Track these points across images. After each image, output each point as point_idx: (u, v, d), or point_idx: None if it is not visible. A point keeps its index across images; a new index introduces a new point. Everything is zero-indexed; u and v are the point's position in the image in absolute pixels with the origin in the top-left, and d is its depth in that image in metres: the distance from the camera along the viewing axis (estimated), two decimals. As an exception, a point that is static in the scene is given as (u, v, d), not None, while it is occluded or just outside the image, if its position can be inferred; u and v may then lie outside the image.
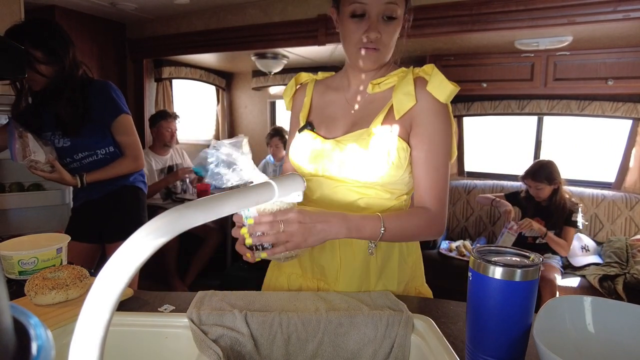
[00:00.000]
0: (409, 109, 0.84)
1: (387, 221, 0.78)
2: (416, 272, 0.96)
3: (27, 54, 1.41)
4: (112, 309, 0.28)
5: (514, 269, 0.53)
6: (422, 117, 0.84)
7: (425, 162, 0.84)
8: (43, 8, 2.86)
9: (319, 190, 0.90)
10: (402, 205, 0.90)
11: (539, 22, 2.06)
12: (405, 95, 0.84)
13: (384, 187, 0.86)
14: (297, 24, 2.62)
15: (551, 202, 2.51)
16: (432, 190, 0.84)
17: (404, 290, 0.92)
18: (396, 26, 0.84)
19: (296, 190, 0.59)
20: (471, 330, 0.59)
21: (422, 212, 0.84)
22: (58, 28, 1.51)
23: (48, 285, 0.74)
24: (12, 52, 1.20)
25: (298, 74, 1.05)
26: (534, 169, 2.55)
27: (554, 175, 2.49)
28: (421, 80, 0.85)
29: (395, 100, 0.85)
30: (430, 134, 0.84)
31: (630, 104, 2.73)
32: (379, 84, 0.90)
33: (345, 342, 0.69)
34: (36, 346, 0.19)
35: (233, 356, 0.65)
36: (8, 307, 0.19)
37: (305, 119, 0.97)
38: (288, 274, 0.95)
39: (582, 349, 0.57)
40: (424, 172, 0.84)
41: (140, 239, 0.31)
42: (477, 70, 2.96)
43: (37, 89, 1.51)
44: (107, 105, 1.55)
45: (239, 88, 4.36)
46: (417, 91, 0.84)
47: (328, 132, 0.92)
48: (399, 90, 0.85)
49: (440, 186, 0.84)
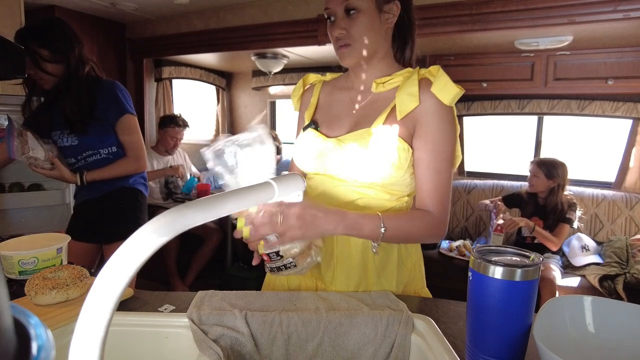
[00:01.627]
0: (411, 110, 0.83)
1: (386, 221, 0.78)
2: (415, 275, 0.95)
3: (34, 53, 1.43)
4: (112, 308, 0.28)
5: (514, 268, 0.53)
6: (426, 119, 0.83)
7: (428, 164, 0.83)
8: (43, 8, 2.86)
9: (320, 189, 0.90)
10: (402, 207, 0.90)
11: (539, 21, 2.06)
12: (409, 96, 0.83)
13: (384, 187, 0.86)
14: (297, 23, 2.62)
15: (548, 201, 2.54)
16: (434, 193, 0.84)
17: (403, 291, 0.92)
18: (362, 17, 0.84)
19: (296, 190, 0.59)
20: (471, 329, 0.59)
21: (423, 215, 0.84)
22: (62, 26, 1.51)
23: (48, 285, 0.74)
24: (12, 52, 1.20)
25: (306, 75, 1.05)
26: (543, 158, 2.60)
27: (554, 173, 2.50)
28: (426, 81, 0.84)
29: (398, 101, 0.84)
30: (433, 137, 0.83)
31: (630, 104, 2.73)
32: (384, 83, 0.89)
33: (345, 341, 0.69)
34: (36, 346, 0.19)
35: (233, 356, 0.65)
36: (8, 307, 0.19)
37: (310, 117, 0.97)
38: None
39: (582, 349, 0.57)
40: (426, 175, 0.84)
41: (140, 238, 0.31)
42: (477, 70, 2.96)
43: (47, 88, 1.53)
44: (112, 105, 1.56)
45: (239, 88, 4.36)
46: (421, 92, 0.83)
47: (331, 131, 0.92)
48: (403, 90, 0.85)
49: (443, 190, 0.84)
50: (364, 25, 0.85)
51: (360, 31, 0.85)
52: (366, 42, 0.86)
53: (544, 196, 2.57)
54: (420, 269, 0.97)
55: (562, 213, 2.48)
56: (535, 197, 2.60)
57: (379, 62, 0.91)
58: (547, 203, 2.54)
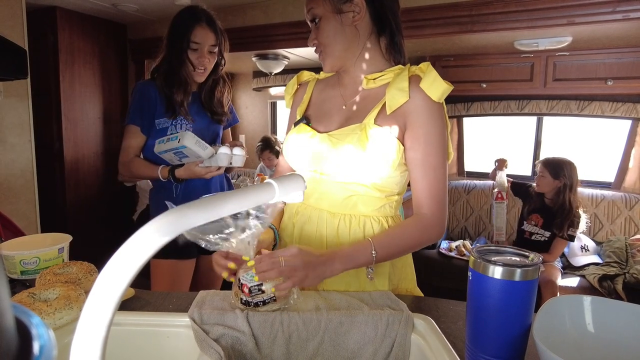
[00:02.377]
0: (400, 104, 0.83)
1: (377, 244, 0.79)
2: (407, 275, 0.96)
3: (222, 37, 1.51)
4: (114, 308, 0.28)
5: (514, 268, 0.53)
6: (416, 116, 0.83)
7: (422, 162, 0.84)
8: (44, 9, 2.86)
9: (310, 185, 0.90)
10: (392, 205, 0.90)
11: (538, 22, 2.06)
12: (399, 91, 0.84)
13: (374, 184, 0.86)
14: (298, 24, 2.63)
15: (554, 201, 2.48)
16: (429, 191, 0.84)
17: (394, 291, 0.92)
18: (324, 24, 0.87)
19: (297, 190, 0.59)
20: (471, 329, 0.59)
21: (414, 222, 0.84)
22: None
23: (61, 280, 0.75)
24: (14, 53, 1.20)
25: (300, 72, 1.06)
26: (550, 158, 2.56)
27: (561, 173, 2.44)
28: (416, 78, 0.85)
29: (389, 96, 0.85)
30: (425, 134, 0.83)
31: (629, 104, 2.73)
32: (374, 79, 0.90)
33: (345, 341, 0.69)
34: (38, 346, 0.19)
35: (234, 355, 0.65)
36: (10, 306, 0.19)
37: (302, 113, 0.98)
38: None
39: (581, 349, 0.57)
40: (421, 173, 0.84)
41: (140, 239, 0.31)
42: (477, 70, 2.96)
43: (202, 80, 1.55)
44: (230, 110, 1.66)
45: (240, 89, 4.36)
46: (411, 88, 0.83)
47: (322, 126, 0.93)
48: (393, 86, 0.85)
49: (438, 187, 0.84)
50: (327, 30, 0.87)
51: (325, 36, 0.88)
52: (336, 45, 0.88)
53: (550, 197, 2.52)
54: (410, 268, 0.98)
55: (566, 219, 2.41)
56: (542, 195, 2.57)
57: (364, 59, 0.91)
58: (553, 204, 2.49)
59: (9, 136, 2.28)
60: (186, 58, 1.46)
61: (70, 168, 3.09)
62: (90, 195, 3.26)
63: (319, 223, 0.89)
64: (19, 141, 2.33)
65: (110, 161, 3.38)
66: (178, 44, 1.46)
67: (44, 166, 2.72)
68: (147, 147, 1.52)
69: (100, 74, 3.20)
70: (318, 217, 0.90)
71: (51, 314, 0.65)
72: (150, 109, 1.48)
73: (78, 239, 1.04)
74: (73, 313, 0.68)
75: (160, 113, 1.49)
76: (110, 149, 3.37)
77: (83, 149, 3.17)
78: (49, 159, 3.01)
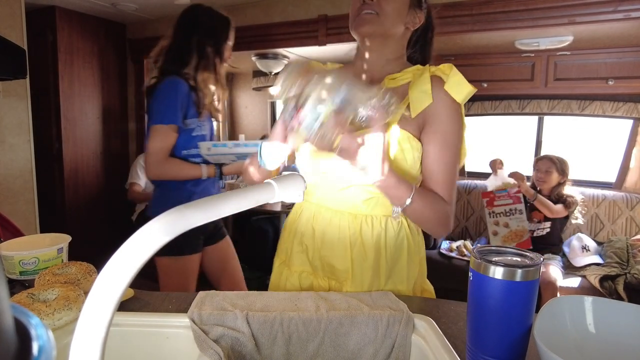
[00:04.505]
0: (425, 107, 0.83)
1: (416, 192, 0.78)
2: (422, 270, 0.97)
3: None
4: (113, 309, 0.28)
5: (515, 269, 0.53)
6: (437, 116, 0.83)
7: (438, 159, 0.84)
8: (44, 8, 2.86)
9: (329, 187, 0.89)
10: None
11: (539, 22, 2.06)
12: (422, 94, 0.83)
13: None
14: (298, 24, 2.62)
15: (552, 194, 2.63)
16: (444, 185, 0.84)
17: (413, 288, 0.92)
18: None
19: (297, 190, 0.59)
20: (472, 330, 0.59)
21: (443, 201, 0.84)
22: None
23: (60, 281, 0.75)
24: (13, 53, 1.20)
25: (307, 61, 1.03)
26: (552, 155, 2.69)
27: (565, 169, 2.64)
28: (438, 79, 0.84)
29: (412, 98, 0.84)
30: (443, 133, 0.83)
31: (630, 104, 2.73)
32: (395, 79, 0.88)
33: (346, 342, 0.69)
34: (37, 346, 0.19)
35: (234, 356, 0.65)
36: (9, 307, 0.19)
37: None
38: (299, 273, 0.94)
39: (582, 349, 0.57)
40: (436, 169, 0.84)
41: (140, 239, 0.31)
42: (478, 70, 2.96)
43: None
44: None
45: (240, 88, 4.36)
46: (434, 90, 0.83)
47: None
48: (416, 88, 0.84)
49: (451, 183, 0.84)
50: (397, 4, 0.85)
51: (390, 6, 0.84)
52: (391, 21, 0.85)
53: (547, 193, 2.66)
54: (425, 263, 0.98)
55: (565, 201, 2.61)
56: (539, 192, 2.66)
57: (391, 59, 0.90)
58: (551, 194, 2.64)
59: (8, 136, 2.28)
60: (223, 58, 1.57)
61: (69, 168, 3.09)
62: (89, 195, 3.26)
63: (341, 225, 0.88)
64: (18, 141, 2.33)
65: (109, 161, 3.38)
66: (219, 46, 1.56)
67: (43, 166, 2.72)
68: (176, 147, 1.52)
69: (99, 73, 3.20)
70: (339, 219, 0.89)
71: (50, 314, 0.65)
72: (184, 108, 1.49)
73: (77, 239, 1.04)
74: (72, 314, 0.67)
75: (192, 113, 1.51)
76: (110, 148, 3.37)
77: (82, 148, 3.17)
78: (48, 159, 3.01)
